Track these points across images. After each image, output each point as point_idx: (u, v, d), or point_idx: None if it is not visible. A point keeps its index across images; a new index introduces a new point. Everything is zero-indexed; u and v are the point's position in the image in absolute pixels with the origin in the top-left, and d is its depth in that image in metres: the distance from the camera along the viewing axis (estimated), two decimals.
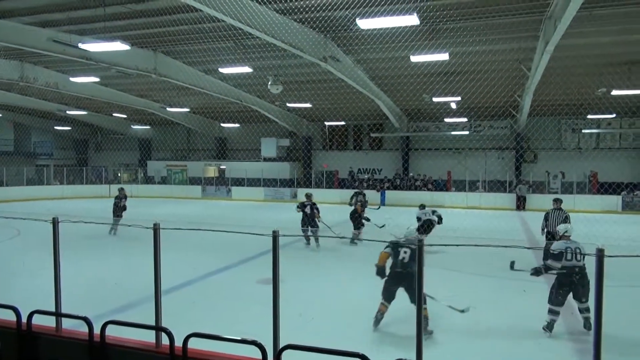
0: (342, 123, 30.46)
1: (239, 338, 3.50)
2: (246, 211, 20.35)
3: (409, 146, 29.86)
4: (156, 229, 3.97)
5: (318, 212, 12.56)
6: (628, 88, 18.16)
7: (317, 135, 32.16)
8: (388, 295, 6.07)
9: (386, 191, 26.32)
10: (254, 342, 3.28)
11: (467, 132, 27.79)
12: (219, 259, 10.29)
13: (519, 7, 11.80)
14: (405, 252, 6.01)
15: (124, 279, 8.51)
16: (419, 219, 12.00)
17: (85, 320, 3.90)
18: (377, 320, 6.08)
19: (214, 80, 20.58)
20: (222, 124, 32.70)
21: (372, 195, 25.88)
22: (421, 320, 3.30)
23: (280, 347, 3.34)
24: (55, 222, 4.48)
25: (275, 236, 3.48)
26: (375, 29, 12.32)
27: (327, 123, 30.99)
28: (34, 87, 20.97)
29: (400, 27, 12.03)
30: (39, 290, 5.12)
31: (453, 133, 28.05)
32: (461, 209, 23.20)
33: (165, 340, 3.74)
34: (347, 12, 11.97)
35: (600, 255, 2.78)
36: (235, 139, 33.82)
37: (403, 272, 5.91)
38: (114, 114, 31.01)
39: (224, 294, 7.95)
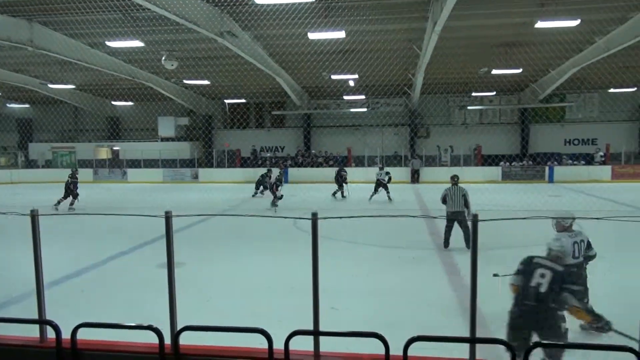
0: (243, 101, 29.97)
1: (133, 324, 3.38)
2: (144, 194, 19.41)
3: (310, 123, 30.25)
4: (34, 216, 3.66)
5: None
6: (505, 68, 19.87)
7: (217, 113, 31.36)
8: (519, 344, 3.44)
9: (289, 169, 26.51)
10: (149, 327, 3.18)
11: (365, 109, 28.79)
12: (115, 245, 9.76)
13: None
14: (542, 277, 3.95)
15: (5, 273, 7.77)
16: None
17: None
18: None
19: (101, 55, 19.08)
20: (114, 102, 30.59)
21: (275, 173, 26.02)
22: (317, 292, 3.40)
23: (178, 330, 3.27)
24: None
25: (167, 217, 3.37)
26: (271, 4, 12.16)
27: (227, 101, 30.29)
28: None
29: (296, 3, 11.98)
30: None
31: (352, 110, 28.91)
32: (362, 183, 24.10)
33: (51, 334, 3.50)
34: None
35: (474, 220, 3.05)
36: (129, 118, 31.82)
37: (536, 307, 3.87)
38: None
39: (121, 280, 7.61)
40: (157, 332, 3.15)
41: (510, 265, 4.34)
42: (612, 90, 26.38)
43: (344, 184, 18.69)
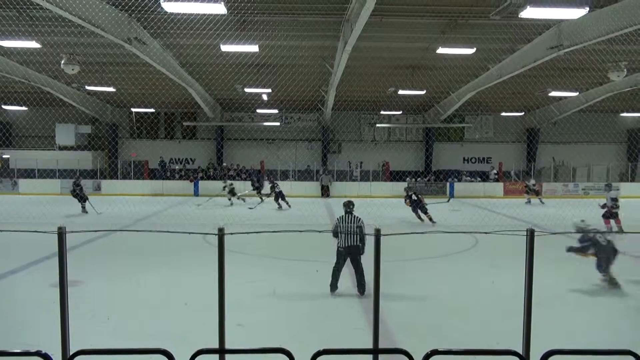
0: (152, 110, 28.81)
1: (18, 350, 3.10)
2: (37, 207, 17.83)
3: (223, 136, 29.80)
4: None
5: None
6: (411, 89, 21.05)
7: (124, 122, 29.85)
8: None
9: (199, 181, 25.84)
10: (37, 353, 2.94)
11: (278, 124, 28.96)
12: (3, 263, 8.88)
13: (322, 8, 12.63)
14: None
15: None
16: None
17: None
18: None
19: None
20: (5, 106, 27.95)
21: (185, 185, 25.23)
22: (224, 309, 3.35)
23: (71, 354, 3.06)
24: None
25: (61, 233, 3.15)
26: (182, 13, 11.89)
27: (134, 110, 28.93)
28: None
29: (209, 15, 11.83)
30: None
31: (265, 124, 28.93)
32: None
33: None
34: None
35: (377, 234, 3.19)
36: (22, 125, 29.25)
37: None
38: None
39: (9, 302, 6.92)
40: (47, 358, 2.91)
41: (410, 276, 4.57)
42: (504, 113, 28.93)
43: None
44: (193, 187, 24.90)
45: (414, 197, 15.67)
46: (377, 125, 29.69)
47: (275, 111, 28.07)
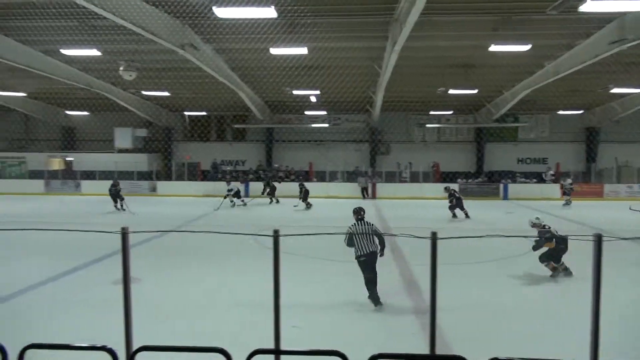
0: (204, 113, 29.63)
1: (86, 345, 3.25)
2: (98, 207, 18.75)
3: (272, 137, 30.22)
4: None
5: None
6: (462, 88, 20.56)
7: (177, 125, 30.85)
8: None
9: (250, 182, 26.31)
10: (103, 348, 3.07)
11: (327, 125, 29.05)
12: (68, 261, 9.37)
13: (370, 9, 12.58)
14: None
15: None
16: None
17: None
18: None
19: (55, 62, 18.44)
20: (68, 112, 29.58)
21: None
22: (279, 310, 3.38)
23: (134, 350, 3.17)
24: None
25: (124, 233, 3.28)
26: (234, 19, 12.16)
27: (187, 113, 29.87)
28: None
29: (260, 19, 12.04)
30: None
31: (313, 125, 29.09)
32: (322, 198, 24.19)
33: None
34: None
35: (433, 238, 3.12)
36: (85, 129, 30.87)
37: None
38: None
39: (74, 298, 7.27)
40: (112, 352, 3.04)
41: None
42: (561, 112, 27.72)
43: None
44: (244, 188, 25.35)
45: (456, 194, 16.72)
46: (427, 125, 29.20)
47: (324, 113, 28.18)
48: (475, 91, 21.48)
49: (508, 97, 23.01)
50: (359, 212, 7.22)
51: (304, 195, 20.20)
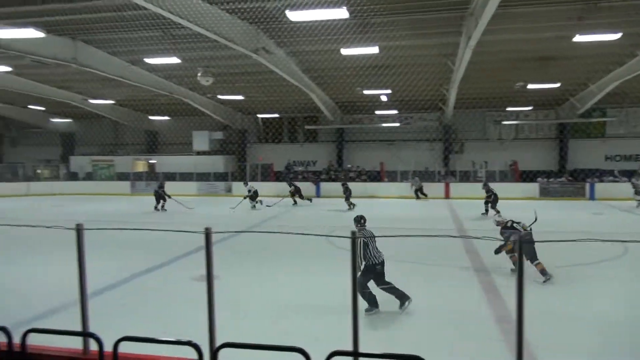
0: (277, 115, 30.31)
1: (173, 339, 3.41)
2: (179, 206, 19.74)
3: (343, 138, 30.32)
4: (79, 230, 3.76)
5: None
6: (542, 82, 19.47)
7: (251, 127, 31.81)
8: None
9: (321, 183, 26.55)
10: (188, 343, 3.20)
11: (398, 124, 28.66)
12: (151, 257, 9.94)
13: (443, 4, 12.24)
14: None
15: (46, 285, 8.01)
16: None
17: (3, 329, 3.62)
18: None
19: (140, 71, 19.71)
20: (151, 117, 31.46)
21: (307, 187, 26.06)
22: (357, 312, 3.36)
23: (217, 346, 3.28)
24: None
25: (207, 234, 3.40)
26: (306, 22, 12.30)
27: (260, 116, 30.72)
28: None
29: (331, 20, 12.10)
30: None
31: (384, 125, 28.81)
32: (394, 198, 23.91)
33: (93, 346, 3.56)
34: (277, 3, 11.87)
35: (521, 241, 2.95)
36: (166, 133, 32.71)
37: None
38: (30, 106, 28.89)
39: (157, 293, 7.69)
40: (197, 348, 3.16)
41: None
42: None
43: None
44: (315, 189, 25.64)
45: (494, 192, 17.02)
46: (504, 122, 27.93)
47: (395, 112, 27.84)
48: (557, 85, 20.26)
49: (594, 90, 21.46)
50: (359, 220, 6.99)
51: (347, 194, 20.07)
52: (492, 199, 16.98)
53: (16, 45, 14.86)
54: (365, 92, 21.91)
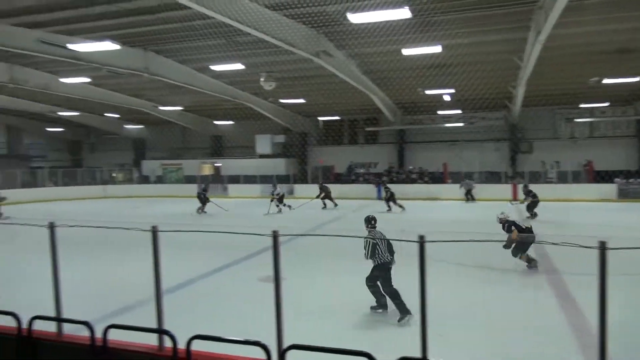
0: (337, 118, 30.41)
1: (242, 339, 3.49)
2: (243, 208, 20.29)
3: (404, 139, 29.91)
4: (155, 232, 3.95)
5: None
6: (620, 76, 18.23)
7: (312, 130, 32.12)
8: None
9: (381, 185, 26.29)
10: (257, 343, 3.27)
11: (461, 124, 27.85)
12: (218, 258, 10.26)
13: None
14: None
15: (122, 282, 8.47)
16: None
17: (87, 324, 3.87)
18: None
19: (206, 78, 20.47)
20: (216, 122, 32.56)
21: (368, 189, 25.92)
22: (425, 318, 3.30)
23: (285, 347, 3.33)
24: (52, 227, 4.45)
25: (275, 236, 3.46)
26: (366, 23, 12.25)
27: (321, 118, 30.94)
28: (25, 89, 20.82)
29: (392, 21, 11.97)
30: (38, 296, 5.09)
31: (447, 125, 28.10)
32: (458, 200, 23.26)
33: (168, 343, 3.73)
34: (338, 7, 11.92)
35: (602, 248, 2.78)
36: (230, 137, 33.74)
37: None
38: (106, 114, 30.84)
39: (225, 293, 7.93)
40: (265, 348, 3.22)
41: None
42: None
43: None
44: (376, 191, 25.45)
45: (534, 193, 16.40)
46: (576, 120, 26.40)
47: (458, 111, 27.09)
48: (636, 79, 18.88)
49: None
50: (370, 221, 6.99)
51: (325, 195, 20.58)
52: (536, 199, 16.46)
53: (94, 57, 15.91)
54: (427, 92, 21.49)
